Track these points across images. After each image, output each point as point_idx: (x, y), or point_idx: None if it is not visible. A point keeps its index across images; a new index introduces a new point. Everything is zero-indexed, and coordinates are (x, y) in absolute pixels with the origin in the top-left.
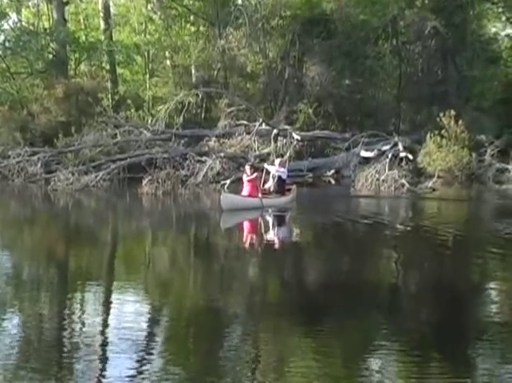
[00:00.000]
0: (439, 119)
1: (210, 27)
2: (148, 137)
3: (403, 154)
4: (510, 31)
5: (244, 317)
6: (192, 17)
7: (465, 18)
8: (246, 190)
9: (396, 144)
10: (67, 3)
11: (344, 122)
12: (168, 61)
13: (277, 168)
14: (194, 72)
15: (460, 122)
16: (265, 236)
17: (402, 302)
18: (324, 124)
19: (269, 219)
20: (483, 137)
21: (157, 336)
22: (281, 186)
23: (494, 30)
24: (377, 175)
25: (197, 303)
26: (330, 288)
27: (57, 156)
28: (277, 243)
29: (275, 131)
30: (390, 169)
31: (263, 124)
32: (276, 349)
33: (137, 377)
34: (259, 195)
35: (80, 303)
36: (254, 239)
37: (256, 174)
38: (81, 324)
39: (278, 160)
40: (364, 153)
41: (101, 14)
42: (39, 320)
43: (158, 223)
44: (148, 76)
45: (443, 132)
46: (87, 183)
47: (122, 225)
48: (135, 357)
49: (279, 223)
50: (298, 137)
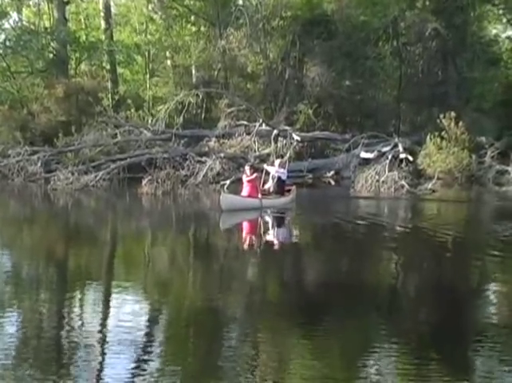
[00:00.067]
0: (439, 120)
1: (210, 27)
2: (148, 137)
3: (403, 155)
4: (510, 33)
5: (243, 317)
6: (193, 18)
7: (465, 20)
8: (245, 190)
9: (396, 146)
10: (68, 3)
11: (345, 123)
12: (169, 61)
13: (276, 169)
14: (194, 72)
15: (460, 124)
16: (265, 237)
17: (401, 303)
18: (324, 124)
19: (268, 220)
20: (483, 139)
21: (156, 336)
22: (281, 186)
23: (494, 32)
24: (377, 177)
25: (196, 303)
26: (329, 289)
27: (57, 156)
28: (277, 244)
29: (275, 131)
30: (390, 170)
31: (263, 125)
32: (275, 349)
33: (136, 377)
34: (259, 195)
35: (79, 303)
36: (254, 240)
37: (256, 174)
38: (80, 324)
39: (278, 161)
40: (363, 154)
41: (102, 14)
42: (38, 319)
43: (157, 223)
44: (149, 76)
45: (443, 133)
46: (87, 183)
47: (121, 225)
48: (134, 357)
49: (278, 223)
50: (298, 138)
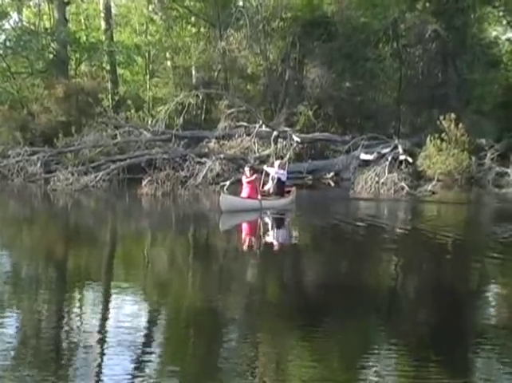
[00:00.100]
0: (439, 122)
1: (210, 28)
2: (148, 138)
3: (402, 157)
4: (510, 35)
5: (243, 318)
6: (193, 19)
7: (466, 22)
8: (245, 191)
9: (396, 147)
10: (68, 3)
11: (344, 124)
12: (169, 62)
13: (276, 170)
14: (194, 73)
15: (460, 125)
16: (264, 238)
17: (400, 304)
18: (324, 126)
19: (268, 221)
20: (483, 141)
21: (156, 337)
22: (281, 188)
23: (494, 34)
24: (377, 178)
25: (196, 304)
26: (329, 290)
27: (57, 156)
28: (276, 245)
29: (275, 133)
30: (390, 172)
31: (263, 126)
32: (274, 350)
33: (135, 378)
34: (258, 196)
35: (78, 303)
36: (253, 241)
37: (255, 176)
38: (80, 324)
39: (278, 162)
40: (363, 156)
41: (102, 15)
42: (37, 320)
43: (157, 224)
44: (149, 77)
45: (443, 135)
46: (86, 184)
47: (121, 225)
48: (133, 358)
49: (278, 224)
50: (298, 139)
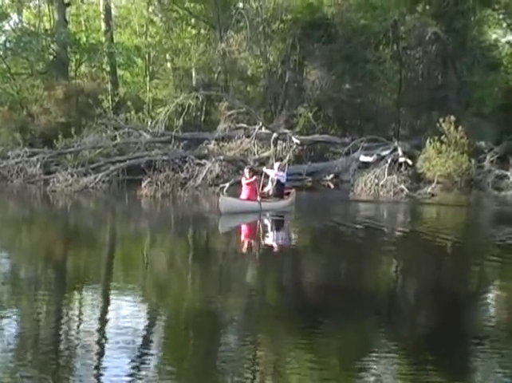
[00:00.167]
0: (438, 124)
1: (211, 30)
2: (148, 139)
3: (402, 159)
4: (510, 38)
5: (242, 320)
6: (193, 20)
7: (466, 24)
8: (244, 193)
9: (396, 149)
10: (68, 4)
11: (344, 126)
12: (169, 64)
13: (276, 172)
14: (194, 74)
15: (460, 128)
16: (264, 240)
17: (399, 307)
18: (323, 128)
19: (267, 223)
20: (483, 143)
21: (155, 338)
22: (280, 190)
23: (494, 37)
24: (376, 180)
25: (195, 306)
26: (328, 292)
27: (57, 157)
28: (276, 247)
29: (275, 134)
30: (389, 174)
31: (263, 128)
32: (274, 352)
33: (134, 379)
34: (258, 198)
35: (78, 305)
36: (252, 243)
37: (255, 177)
38: (79, 326)
39: (277, 164)
40: (363, 158)
41: (102, 16)
42: (37, 322)
43: (156, 226)
44: (149, 79)
45: (443, 137)
46: (86, 185)
47: (120, 227)
48: (132, 360)
49: (277, 226)
50: (298, 141)
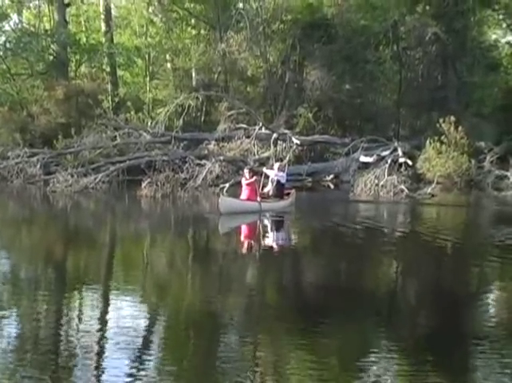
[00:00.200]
0: (438, 125)
1: (211, 30)
2: (148, 140)
3: (402, 159)
4: (510, 38)
5: (242, 320)
6: (193, 21)
7: (466, 25)
8: (244, 194)
9: (396, 150)
10: (68, 5)
11: (344, 127)
12: (169, 64)
13: (276, 172)
14: (194, 75)
15: (460, 128)
16: (264, 240)
17: (399, 307)
18: (323, 128)
19: (267, 223)
20: (483, 144)
21: (155, 339)
22: (280, 190)
23: (494, 37)
24: (376, 181)
25: (195, 306)
26: (328, 292)
27: (57, 158)
28: (275, 247)
29: (275, 135)
30: (389, 174)
31: (263, 128)
32: (274, 353)
33: (134, 379)
34: (258, 198)
35: (78, 305)
36: (252, 243)
37: (255, 178)
38: (79, 326)
39: (277, 164)
40: (363, 158)
41: (102, 16)
42: (36, 322)
43: (156, 226)
44: (149, 79)
45: (443, 137)
46: (86, 185)
47: (120, 227)
48: (132, 360)
49: (277, 227)
50: (298, 141)
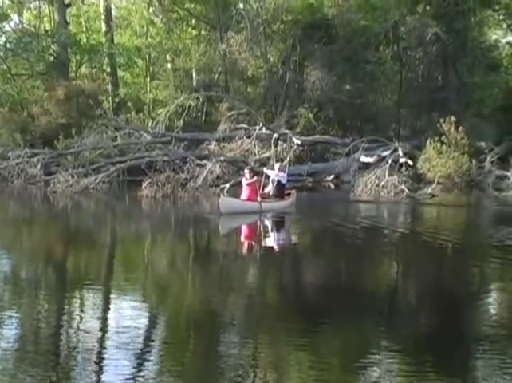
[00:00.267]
0: (439, 125)
1: (211, 31)
2: (148, 140)
3: (402, 160)
4: (510, 38)
5: (242, 320)
6: (193, 21)
7: (466, 25)
8: (244, 194)
9: (396, 150)
10: (68, 5)
11: (345, 127)
12: (169, 65)
13: (276, 173)
14: (194, 75)
15: (460, 128)
16: (264, 241)
17: (400, 307)
18: (324, 128)
19: (268, 224)
20: (483, 144)
21: (155, 339)
22: (281, 190)
23: (494, 37)
24: (377, 181)
25: (195, 306)
26: (329, 293)
27: (57, 158)
28: (276, 248)
29: (275, 135)
30: (390, 175)
31: (263, 129)
32: (274, 353)
33: (135, 379)
34: (258, 199)
35: (78, 305)
36: (253, 244)
37: (255, 178)
38: (79, 326)
39: (278, 165)
40: (363, 158)
41: (103, 17)
42: (37, 322)
43: (157, 226)
44: (149, 79)
45: (443, 138)
46: (86, 186)
47: (121, 228)
48: (133, 360)
49: (278, 227)
50: (298, 142)
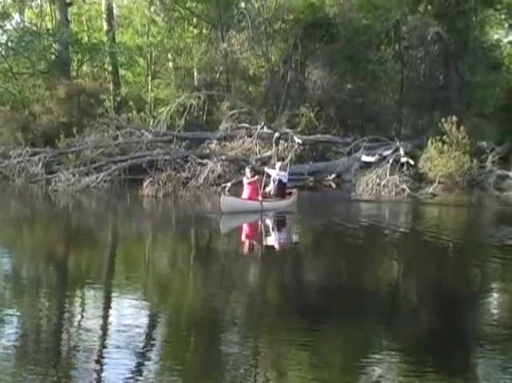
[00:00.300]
0: (440, 124)
1: (212, 30)
2: (150, 139)
3: (404, 159)
4: None
5: (243, 319)
6: (195, 20)
7: (468, 24)
8: (246, 193)
9: (397, 149)
10: (70, 4)
11: (346, 126)
12: (171, 64)
13: (277, 172)
14: (196, 74)
15: (461, 128)
16: (265, 240)
17: (400, 307)
18: (325, 128)
19: (269, 223)
20: (484, 143)
21: (156, 338)
22: (282, 189)
23: (496, 37)
24: (378, 180)
25: (196, 305)
26: (330, 292)
27: (58, 157)
28: (277, 247)
29: (277, 134)
30: (391, 174)
31: (265, 128)
32: (275, 352)
33: (136, 378)
34: (259, 198)
35: (79, 305)
36: (254, 243)
37: (256, 177)
38: (80, 326)
39: (279, 164)
40: (365, 158)
41: (104, 16)
42: (38, 321)
43: (158, 225)
44: (150, 78)
45: (445, 137)
46: (88, 184)
47: (122, 227)
48: (134, 360)
49: (279, 226)
50: (300, 141)
